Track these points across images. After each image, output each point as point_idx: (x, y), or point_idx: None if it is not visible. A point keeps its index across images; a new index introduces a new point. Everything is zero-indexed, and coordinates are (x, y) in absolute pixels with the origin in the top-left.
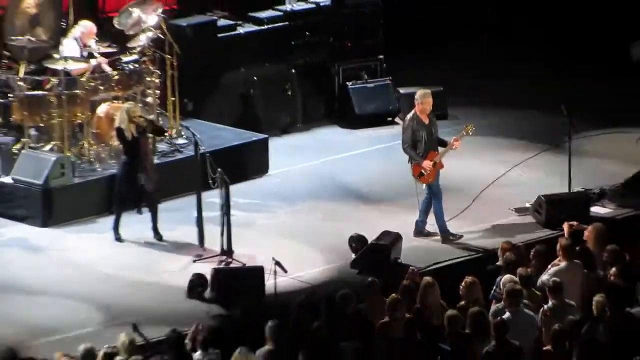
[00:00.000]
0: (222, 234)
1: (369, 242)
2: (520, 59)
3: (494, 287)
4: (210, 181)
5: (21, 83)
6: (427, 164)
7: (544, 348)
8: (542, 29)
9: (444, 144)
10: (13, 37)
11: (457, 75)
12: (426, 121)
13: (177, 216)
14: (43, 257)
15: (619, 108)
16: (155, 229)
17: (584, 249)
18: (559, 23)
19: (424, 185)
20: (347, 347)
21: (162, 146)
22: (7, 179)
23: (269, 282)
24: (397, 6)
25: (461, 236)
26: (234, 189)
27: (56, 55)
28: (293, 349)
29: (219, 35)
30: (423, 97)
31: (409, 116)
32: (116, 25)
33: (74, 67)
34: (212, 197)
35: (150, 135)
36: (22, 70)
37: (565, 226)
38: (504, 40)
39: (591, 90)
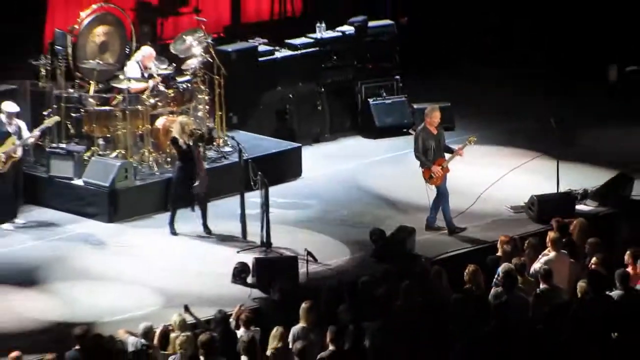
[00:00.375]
0: (262, 229)
1: (387, 235)
2: (519, 77)
3: (496, 276)
4: (251, 183)
5: (91, 100)
6: (436, 168)
7: (537, 327)
8: (542, 49)
9: (450, 151)
10: (84, 61)
11: (462, 92)
12: (435, 132)
13: (223, 213)
14: (109, 249)
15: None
16: (205, 224)
17: (569, 241)
18: (554, 46)
19: (434, 186)
20: (368, 327)
21: (211, 153)
22: (79, 182)
23: (302, 270)
24: (411, 34)
25: (465, 228)
26: (272, 190)
27: (121, 76)
28: (323, 326)
29: (259, 59)
30: (431, 112)
31: (419, 128)
32: (172, 51)
33: (136, 86)
34: (253, 197)
35: (201, 144)
36: (92, 89)
37: (554, 222)
38: (504, 63)
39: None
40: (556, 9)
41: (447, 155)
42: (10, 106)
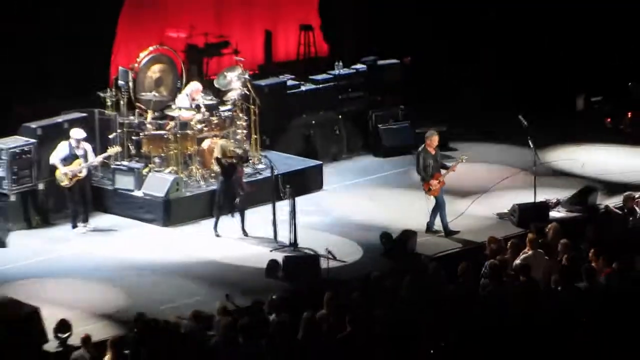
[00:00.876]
0: (290, 232)
1: (394, 237)
2: (502, 106)
3: (483, 269)
4: (281, 194)
5: (149, 125)
6: (434, 182)
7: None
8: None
9: (445, 167)
10: (143, 93)
11: (457, 118)
12: (433, 152)
13: (258, 219)
14: (163, 248)
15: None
16: (243, 228)
17: (545, 241)
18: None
19: (432, 197)
20: (378, 314)
21: (248, 170)
22: (139, 193)
23: (324, 266)
24: (412, 72)
25: (459, 232)
26: (298, 199)
27: (173, 106)
28: (341, 314)
29: (288, 91)
30: (431, 136)
31: (420, 148)
32: (215, 85)
33: (185, 114)
34: (283, 206)
35: (241, 163)
36: (149, 116)
37: (533, 226)
38: (493, 96)
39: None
40: (527, 43)
41: (442, 171)
42: (78, 133)
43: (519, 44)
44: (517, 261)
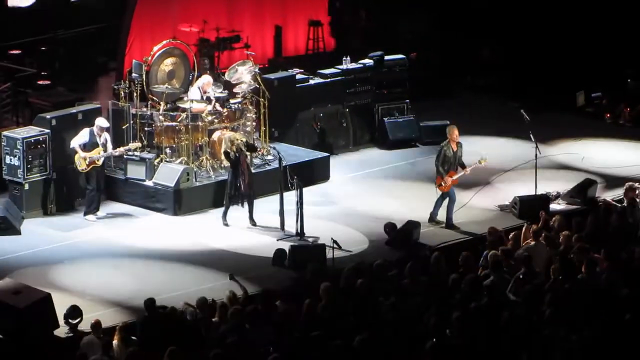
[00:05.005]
0: (297, 221)
1: (398, 227)
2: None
3: (481, 259)
4: (289, 185)
5: (161, 117)
6: (447, 179)
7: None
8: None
9: (463, 166)
10: (155, 86)
11: (459, 112)
12: (455, 148)
13: (266, 209)
14: (173, 237)
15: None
16: (251, 218)
17: (547, 233)
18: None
19: (440, 191)
20: (383, 302)
21: (256, 161)
22: (150, 183)
23: (329, 255)
24: (418, 66)
25: (459, 228)
26: (305, 190)
27: (185, 98)
28: (344, 303)
29: (297, 85)
30: (450, 130)
31: (444, 142)
32: (226, 78)
33: (196, 106)
34: (290, 196)
35: (248, 152)
36: (161, 108)
37: (542, 218)
38: (489, 90)
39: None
40: (531, 40)
41: (459, 170)
42: (103, 122)
43: (519, 40)
44: (519, 252)
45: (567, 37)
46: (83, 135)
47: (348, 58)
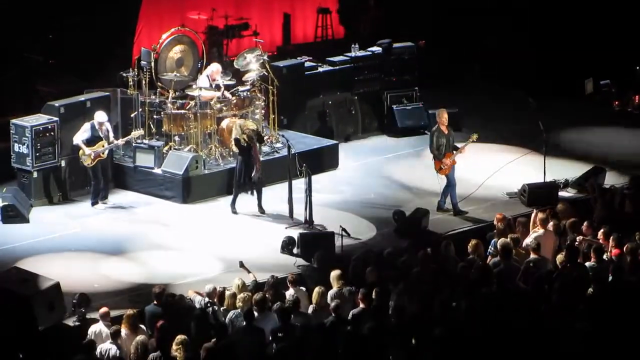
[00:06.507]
0: (305, 209)
1: (406, 215)
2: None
3: (490, 247)
4: (297, 172)
5: (169, 104)
6: (445, 161)
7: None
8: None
9: (456, 148)
10: (164, 73)
11: (468, 100)
12: (446, 132)
13: (275, 196)
14: (182, 224)
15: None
16: (259, 205)
17: (555, 221)
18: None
19: (443, 175)
20: (393, 289)
21: (265, 148)
22: (159, 171)
23: (338, 243)
24: (427, 54)
25: (467, 212)
26: (314, 178)
27: (194, 86)
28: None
29: (305, 72)
30: (440, 113)
31: (434, 128)
32: (235, 66)
33: (205, 94)
34: (299, 184)
35: (257, 141)
36: (170, 96)
37: (552, 208)
38: (499, 77)
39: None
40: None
41: (454, 152)
42: (101, 116)
43: (528, 27)
44: (528, 239)
45: (576, 25)
46: (85, 130)
47: (357, 45)
